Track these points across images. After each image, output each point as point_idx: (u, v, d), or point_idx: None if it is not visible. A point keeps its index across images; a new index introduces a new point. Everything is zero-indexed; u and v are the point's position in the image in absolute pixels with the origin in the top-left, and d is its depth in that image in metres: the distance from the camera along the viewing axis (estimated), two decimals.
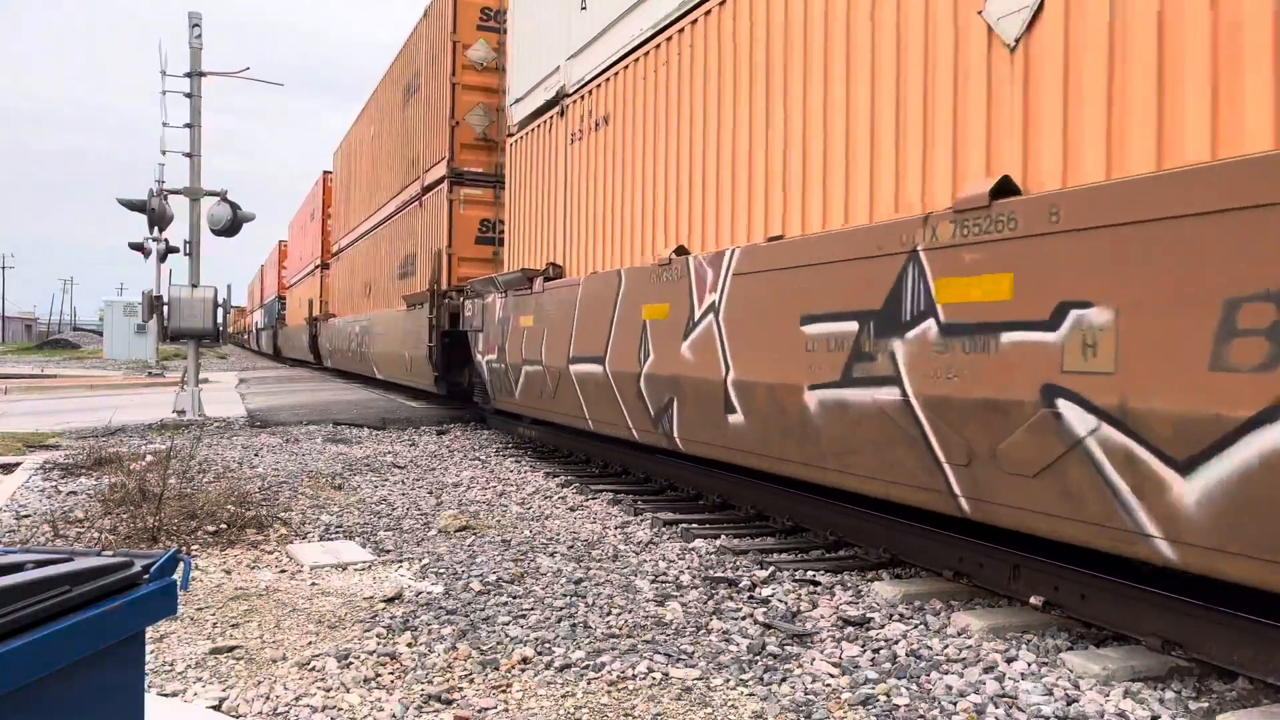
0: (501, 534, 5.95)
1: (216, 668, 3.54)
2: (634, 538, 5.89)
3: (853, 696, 3.32)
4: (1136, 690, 3.39)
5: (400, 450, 10.10)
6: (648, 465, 8.23)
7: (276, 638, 3.89)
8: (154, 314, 13.47)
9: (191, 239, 13.62)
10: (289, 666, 3.55)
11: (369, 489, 7.62)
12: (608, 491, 7.61)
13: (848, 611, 4.31)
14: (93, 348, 52.37)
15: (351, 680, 3.39)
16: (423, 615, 4.17)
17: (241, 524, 5.84)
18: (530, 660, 3.64)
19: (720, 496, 7.03)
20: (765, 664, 3.64)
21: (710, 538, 5.83)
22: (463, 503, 7.10)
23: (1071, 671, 3.57)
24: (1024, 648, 3.83)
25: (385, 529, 6.09)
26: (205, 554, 5.27)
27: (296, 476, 8.07)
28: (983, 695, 3.34)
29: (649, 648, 3.78)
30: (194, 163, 13.49)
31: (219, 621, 4.09)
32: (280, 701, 3.21)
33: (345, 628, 4.02)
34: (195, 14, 13.17)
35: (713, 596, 4.56)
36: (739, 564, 5.21)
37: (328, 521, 6.25)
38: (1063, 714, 3.19)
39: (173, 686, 3.35)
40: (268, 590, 4.59)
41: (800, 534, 6.00)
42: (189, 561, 2.05)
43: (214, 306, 13.49)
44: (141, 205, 13.64)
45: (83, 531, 5.64)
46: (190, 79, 13.29)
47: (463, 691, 3.33)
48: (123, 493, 6.27)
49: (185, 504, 5.98)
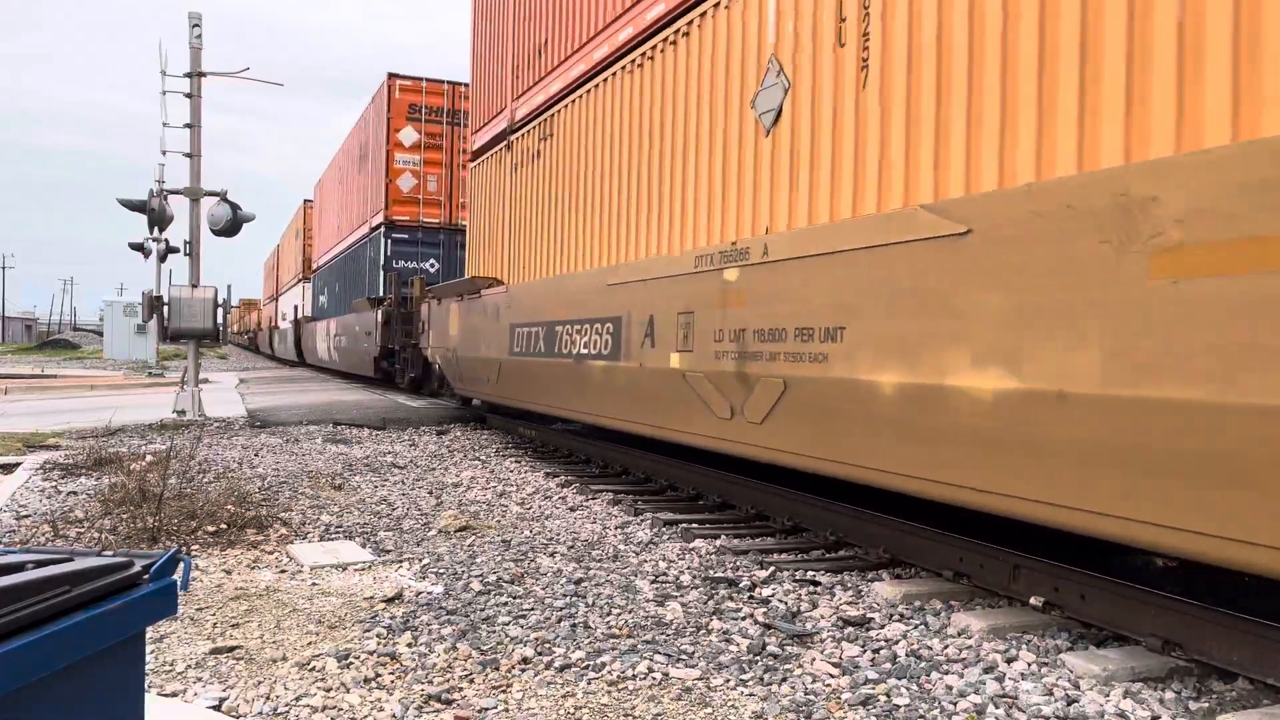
0: (501, 534, 5.95)
1: (216, 668, 3.54)
2: (634, 538, 5.89)
3: (853, 696, 3.32)
4: (1136, 690, 3.39)
5: (400, 450, 10.10)
6: (648, 465, 8.24)
7: (277, 638, 3.89)
8: (154, 314, 13.48)
9: (191, 239, 13.62)
10: (289, 666, 3.55)
11: (369, 489, 7.62)
12: (608, 492, 7.61)
13: (848, 611, 4.31)
14: (93, 348, 52.37)
15: (351, 680, 3.39)
16: (423, 615, 4.17)
17: (241, 524, 5.84)
18: (530, 660, 3.64)
19: (720, 496, 7.03)
20: (765, 664, 3.64)
21: (710, 538, 5.83)
22: (463, 503, 7.10)
23: (1071, 672, 3.57)
24: (1024, 648, 3.83)
25: (385, 529, 6.09)
26: (205, 554, 5.27)
27: (296, 476, 8.07)
28: (983, 695, 3.34)
29: (649, 648, 3.78)
30: (194, 163, 13.49)
31: (219, 621, 4.09)
32: (280, 701, 3.21)
33: (345, 628, 4.02)
34: (195, 14, 13.17)
35: (713, 596, 4.56)
36: (739, 564, 5.21)
37: (328, 521, 6.25)
38: (1063, 714, 3.19)
39: (173, 686, 3.35)
40: (268, 590, 4.59)
41: (800, 534, 6.00)
42: (189, 561, 2.05)
43: (214, 306, 13.49)
44: (141, 205, 13.64)
45: (83, 532, 5.64)
46: (190, 79, 13.30)
47: (463, 691, 3.33)
48: (123, 493, 6.27)
49: (185, 504, 5.98)
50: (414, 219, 17.83)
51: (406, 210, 17.74)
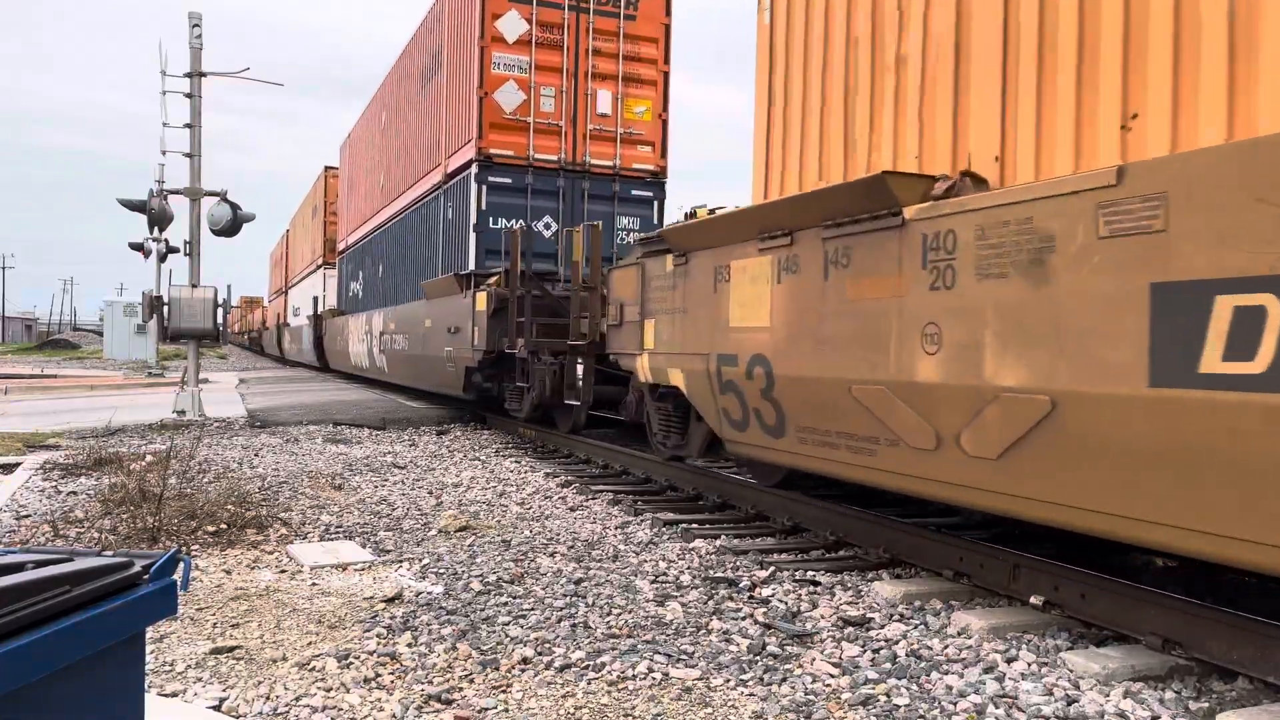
0: (501, 534, 5.95)
1: (216, 668, 3.54)
2: (634, 538, 5.89)
3: (853, 696, 3.32)
4: (1137, 690, 3.39)
5: (400, 450, 10.10)
6: (648, 466, 8.24)
7: (277, 638, 3.89)
8: (154, 314, 13.48)
9: (191, 239, 13.62)
10: (289, 666, 3.55)
11: (369, 489, 7.62)
12: (608, 491, 7.61)
13: (848, 611, 4.31)
14: (93, 348, 52.36)
15: (352, 680, 3.39)
16: (423, 615, 4.17)
17: (241, 524, 5.84)
18: (530, 660, 3.64)
19: (720, 496, 7.03)
20: (765, 664, 3.64)
21: (710, 538, 5.83)
22: (463, 503, 7.10)
23: (1071, 671, 3.57)
24: (1024, 648, 3.83)
25: (385, 529, 6.09)
26: (205, 554, 5.27)
27: (296, 476, 8.07)
28: (983, 695, 3.34)
29: (649, 648, 3.78)
30: (194, 163, 13.49)
31: (219, 622, 4.09)
32: (280, 702, 3.21)
33: (345, 628, 4.02)
34: (195, 14, 13.17)
35: (713, 596, 4.56)
36: (739, 564, 5.21)
37: (328, 521, 6.25)
38: (1063, 714, 3.19)
39: (173, 686, 3.35)
40: (268, 590, 4.59)
41: (800, 534, 6.00)
42: (189, 562, 2.05)
43: (214, 306, 13.49)
44: (142, 205, 13.65)
45: (83, 532, 5.64)
46: (190, 79, 13.30)
47: (463, 691, 3.33)
48: (123, 493, 6.27)
49: (185, 504, 5.98)
50: (520, 154, 11.84)
51: (509, 140, 11.78)
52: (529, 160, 11.85)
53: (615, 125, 12.17)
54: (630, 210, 12.36)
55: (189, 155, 13.47)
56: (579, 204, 12.05)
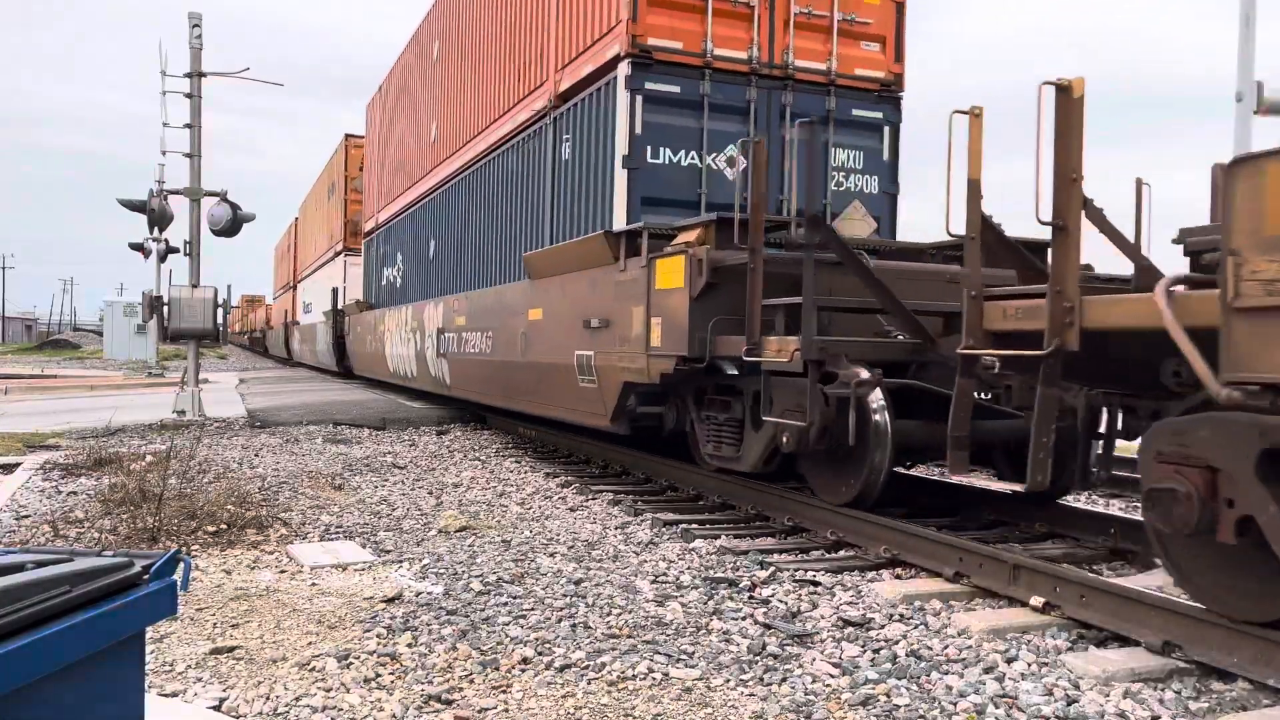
0: (501, 534, 5.95)
1: (216, 668, 3.54)
2: (634, 538, 5.89)
3: (853, 697, 3.32)
4: (1136, 691, 3.39)
5: (400, 450, 10.10)
6: (648, 465, 8.24)
7: (277, 638, 3.89)
8: (154, 314, 13.49)
9: (191, 239, 13.63)
10: (289, 667, 3.55)
11: (369, 489, 7.62)
12: (608, 492, 7.61)
13: (848, 612, 4.31)
14: (93, 348, 52.34)
15: (352, 680, 3.39)
16: (423, 615, 4.17)
17: (241, 524, 5.83)
18: (530, 660, 3.64)
19: (720, 496, 7.03)
20: (765, 664, 3.64)
21: (710, 538, 5.83)
22: (463, 503, 7.10)
23: (1071, 672, 3.57)
24: (1024, 648, 3.83)
25: (385, 529, 6.09)
26: (205, 554, 5.27)
27: (296, 477, 8.07)
28: (983, 695, 3.34)
29: (649, 648, 3.78)
30: (194, 163, 13.50)
31: (219, 622, 4.09)
32: (280, 702, 3.21)
33: (345, 628, 4.02)
34: (195, 14, 13.18)
35: (713, 597, 4.56)
36: (739, 564, 5.21)
37: (328, 522, 6.25)
38: (1063, 714, 3.19)
39: (173, 686, 3.35)
40: (268, 590, 4.59)
41: (800, 534, 5.99)
42: (189, 562, 2.05)
43: (214, 306, 13.50)
44: (142, 206, 13.66)
45: (83, 532, 5.64)
46: (190, 79, 13.30)
47: (463, 691, 3.33)
48: (123, 493, 6.27)
49: (185, 504, 5.98)
50: (693, 48, 7.92)
51: (677, 26, 7.90)
52: (706, 58, 7.91)
53: (830, 9, 8.32)
54: (849, 140, 8.48)
55: (189, 155, 13.48)
56: (776, 128, 8.15)
